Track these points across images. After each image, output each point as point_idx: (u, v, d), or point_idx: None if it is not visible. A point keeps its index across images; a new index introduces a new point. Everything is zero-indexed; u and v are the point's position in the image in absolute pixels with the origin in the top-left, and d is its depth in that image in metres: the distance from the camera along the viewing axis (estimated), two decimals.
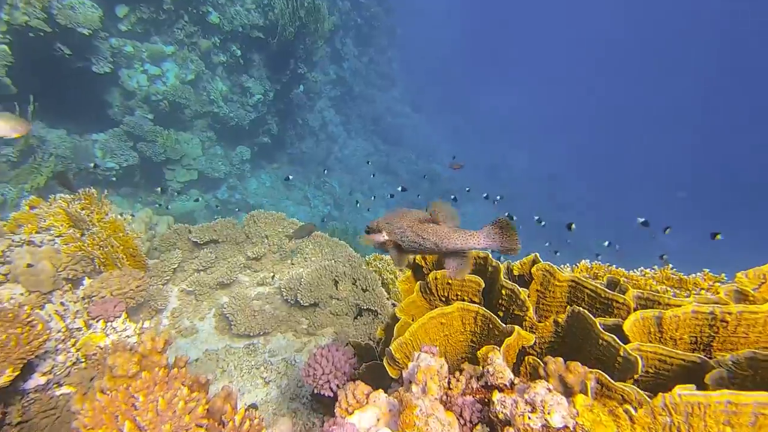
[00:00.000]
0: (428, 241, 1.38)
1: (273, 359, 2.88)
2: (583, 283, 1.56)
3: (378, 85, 21.81)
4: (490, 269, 1.73)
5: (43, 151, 7.27)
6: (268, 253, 3.68)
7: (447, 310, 1.50)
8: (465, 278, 1.67)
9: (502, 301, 1.59)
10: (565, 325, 1.41)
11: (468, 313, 1.48)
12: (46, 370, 2.10)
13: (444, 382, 1.16)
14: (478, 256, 1.80)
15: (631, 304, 1.46)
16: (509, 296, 1.55)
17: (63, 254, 2.81)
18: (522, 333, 1.32)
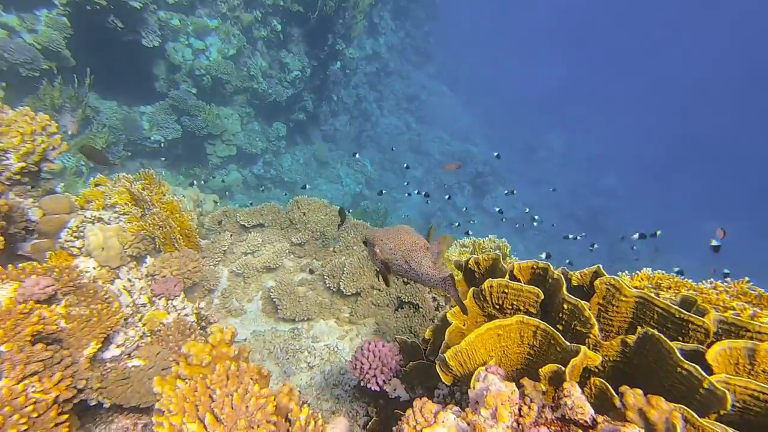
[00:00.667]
0: (413, 272, 1.44)
1: (316, 344, 3.01)
2: (653, 301, 1.51)
3: (413, 61, 21.22)
4: (550, 281, 1.70)
5: (98, 121, 7.63)
6: (310, 240, 3.77)
7: (505, 322, 1.51)
8: (523, 288, 1.66)
9: (563, 315, 1.57)
10: (634, 347, 1.38)
11: (527, 327, 1.48)
12: (120, 343, 2.29)
13: (515, 408, 1.18)
14: (537, 266, 1.77)
15: (711, 328, 1.40)
16: (571, 311, 1.53)
17: (128, 232, 3.00)
18: (588, 353, 1.31)
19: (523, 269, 1.83)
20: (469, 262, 2.03)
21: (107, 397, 2.08)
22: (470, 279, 2.10)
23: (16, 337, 1.41)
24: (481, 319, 1.88)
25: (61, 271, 2.08)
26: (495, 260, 1.93)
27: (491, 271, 1.97)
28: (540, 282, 1.76)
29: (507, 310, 1.77)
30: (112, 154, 8.15)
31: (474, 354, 1.59)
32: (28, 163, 3.21)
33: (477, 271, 2.04)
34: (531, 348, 1.53)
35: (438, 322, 2.07)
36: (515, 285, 1.69)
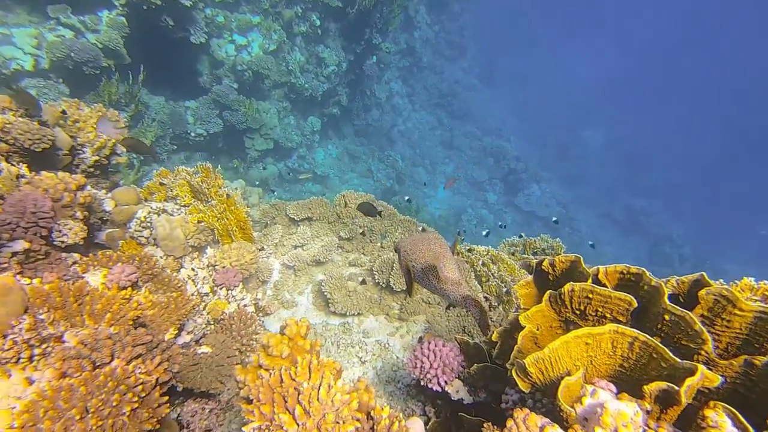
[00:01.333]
0: (431, 285, 1.46)
1: (367, 340, 3.05)
2: None
3: (447, 56, 20.90)
4: (646, 288, 1.62)
5: (148, 116, 7.99)
6: (357, 235, 3.81)
7: (596, 330, 1.46)
8: (612, 295, 1.60)
9: (662, 327, 1.50)
10: (764, 370, 1.28)
11: (622, 338, 1.43)
12: (190, 330, 2.40)
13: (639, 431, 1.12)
14: (628, 272, 1.70)
15: None
16: (675, 323, 1.45)
17: (190, 223, 3.13)
18: (707, 374, 1.24)
19: (609, 274, 1.76)
20: (543, 263, 1.98)
21: (180, 381, 2.19)
22: (542, 281, 2.05)
23: (121, 320, 1.50)
24: (556, 324, 1.84)
25: (141, 260, 2.19)
26: (574, 262, 1.87)
27: (569, 274, 1.91)
28: (629, 289, 1.69)
29: (589, 317, 1.72)
30: (160, 147, 8.53)
31: (557, 362, 1.55)
32: (101, 156, 3.41)
33: (551, 274, 1.98)
34: (624, 360, 1.47)
35: (507, 325, 2.04)
36: (602, 290, 1.62)
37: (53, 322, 1.36)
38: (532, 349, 1.97)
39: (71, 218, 2.55)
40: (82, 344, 1.34)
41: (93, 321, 1.44)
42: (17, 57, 5.91)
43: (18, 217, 2.20)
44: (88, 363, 1.28)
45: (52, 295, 1.41)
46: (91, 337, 1.35)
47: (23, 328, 1.30)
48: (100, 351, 1.31)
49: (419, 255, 1.48)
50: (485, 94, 21.63)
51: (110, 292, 1.53)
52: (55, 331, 1.35)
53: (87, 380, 1.22)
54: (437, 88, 19.30)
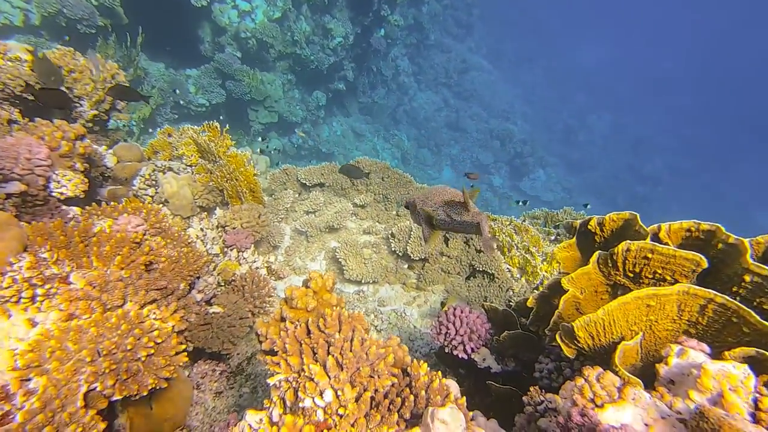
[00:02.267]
0: (455, 222, 1.50)
1: (382, 309, 2.91)
2: None
3: (454, 34, 20.32)
4: (720, 246, 1.45)
5: (148, 83, 7.69)
6: (372, 202, 3.64)
7: (663, 291, 1.30)
8: (677, 254, 1.44)
9: (739, 290, 1.35)
10: None
11: (693, 300, 1.27)
12: (201, 288, 2.25)
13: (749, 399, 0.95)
14: (698, 228, 1.53)
15: None
16: (758, 286, 1.29)
17: (198, 183, 2.95)
18: None
19: (674, 232, 1.60)
20: (590, 223, 1.82)
21: (190, 340, 2.05)
22: (587, 243, 1.89)
23: (133, 264, 1.34)
24: (602, 289, 1.69)
25: (149, 212, 2.02)
26: (628, 221, 1.70)
27: (620, 234, 1.75)
28: (697, 248, 1.53)
29: (644, 280, 1.56)
30: (160, 116, 8.26)
31: (611, 326, 1.40)
32: (100, 111, 3.19)
33: (599, 234, 1.82)
34: (691, 326, 1.32)
35: (545, 290, 1.89)
36: (665, 249, 1.46)
37: (57, 261, 1.20)
38: (573, 315, 1.82)
39: (71, 169, 2.37)
40: (90, 285, 1.18)
41: (102, 263, 1.28)
42: (4, 10, 5.58)
43: (12, 163, 2.01)
44: (98, 305, 1.12)
45: (56, 234, 1.24)
46: (101, 279, 1.19)
47: (23, 265, 1.14)
48: (111, 293, 1.16)
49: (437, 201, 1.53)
50: (493, 75, 21.13)
51: (120, 234, 1.37)
52: (60, 271, 1.19)
53: (98, 321, 1.07)
54: (444, 68, 18.81)
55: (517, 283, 2.95)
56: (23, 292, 1.11)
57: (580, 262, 2.03)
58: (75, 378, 0.93)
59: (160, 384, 1.10)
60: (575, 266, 2.03)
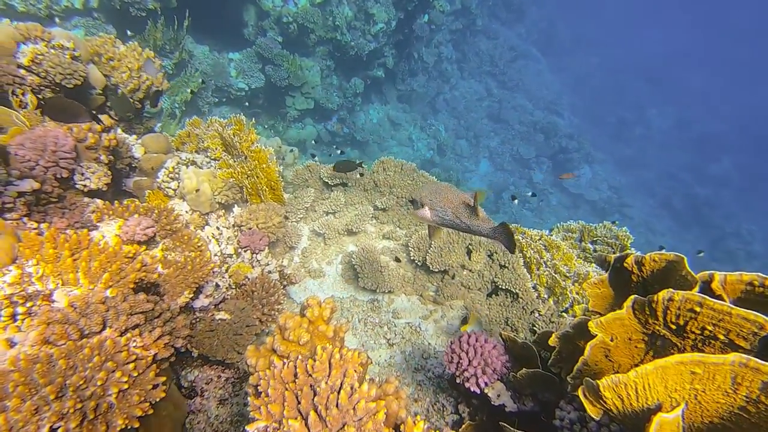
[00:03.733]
0: (464, 225, 1.57)
1: (397, 321, 2.79)
2: None
3: (503, 19, 19.24)
4: None
5: (191, 65, 7.87)
6: (395, 206, 3.49)
7: (713, 360, 1.08)
8: (733, 312, 1.20)
9: None
10: None
11: (755, 375, 1.04)
12: (209, 293, 2.23)
13: None
14: (762, 284, 1.28)
15: None
16: None
17: (218, 178, 2.93)
18: None
19: (730, 283, 1.34)
20: (626, 260, 1.58)
21: (195, 347, 2.04)
22: (622, 282, 1.65)
23: (121, 283, 1.30)
24: (637, 337, 1.46)
25: (160, 213, 2.00)
26: (672, 263, 1.46)
27: (662, 277, 1.50)
28: (761, 306, 1.27)
29: (690, 336, 1.32)
30: (201, 99, 8.46)
31: (646, 391, 1.19)
32: (134, 99, 3.23)
33: (636, 274, 1.58)
34: (752, 404, 1.09)
35: (569, 329, 1.68)
36: (717, 304, 1.22)
37: (42, 277, 1.18)
38: (602, 364, 1.62)
39: (95, 161, 2.40)
40: (71, 307, 1.15)
41: (88, 280, 1.25)
42: None
43: (38, 155, 2.05)
44: (74, 330, 1.09)
45: (46, 246, 1.22)
46: (82, 300, 1.15)
47: (7, 281, 1.12)
48: (90, 317, 1.12)
49: (446, 202, 1.59)
50: (541, 63, 19.92)
51: (111, 249, 1.33)
52: (44, 288, 1.17)
53: (69, 352, 1.03)
54: (489, 55, 17.93)
55: (544, 304, 2.72)
56: (3, 309, 1.10)
57: (611, 302, 1.80)
58: (35, 419, 0.89)
59: (131, 424, 1.06)
60: (606, 305, 1.80)
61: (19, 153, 1.93)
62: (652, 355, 1.52)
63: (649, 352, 1.53)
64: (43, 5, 5.49)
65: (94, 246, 1.32)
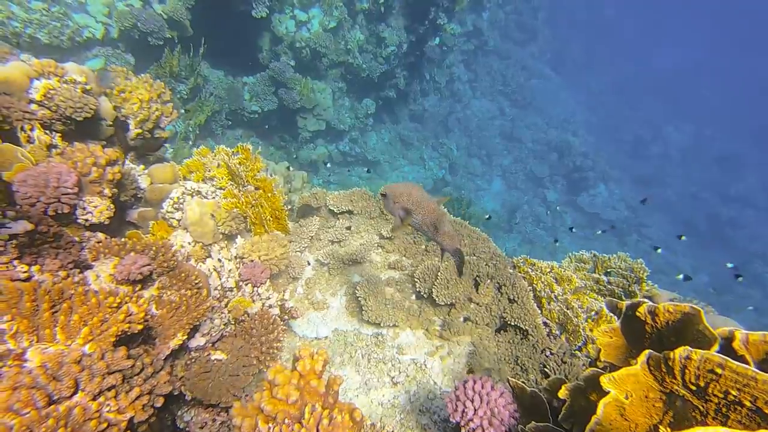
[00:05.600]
0: (428, 233, 1.72)
1: (401, 357, 2.68)
2: None
3: (515, 39, 19.37)
4: None
5: (206, 90, 8.09)
6: (400, 235, 3.41)
7: None
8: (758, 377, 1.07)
9: None
10: None
11: None
12: (205, 331, 2.17)
13: None
14: None
15: None
16: None
17: (222, 209, 2.91)
18: None
19: (753, 344, 1.22)
20: (639, 309, 1.46)
21: (189, 389, 1.97)
22: (634, 332, 1.53)
23: (101, 337, 1.25)
24: (654, 395, 1.32)
25: (158, 251, 1.97)
26: (688, 315, 1.34)
27: (678, 330, 1.37)
28: None
29: (712, 399, 1.19)
30: (215, 122, 8.66)
31: None
32: (144, 129, 3.28)
33: (650, 324, 1.46)
34: None
35: (581, 382, 1.55)
36: (741, 368, 1.10)
37: (16, 334, 1.13)
38: (617, 423, 1.47)
39: (98, 195, 2.41)
40: (42, 368, 1.10)
41: (65, 335, 1.20)
42: (90, 25, 6.11)
43: (40, 191, 2.06)
44: (42, 396, 1.03)
45: (24, 299, 1.18)
46: (55, 360, 1.10)
47: None
48: (60, 381, 1.06)
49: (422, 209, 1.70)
50: (554, 82, 19.88)
51: (94, 299, 1.28)
52: (16, 346, 1.12)
53: (32, 423, 0.97)
54: (502, 75, 18.01)
55: (556, 342, 2.57)
56: None
57: (625, 352, 1.66)
58: None
59: None
60: (619, 356, 1.66)
61: (20, 190, 1.94)
62: (671, 416, 1.38)
63: (668, 413, 1.39)
64: (66, 37, 5.74)
65: (77, 296, 1.28)
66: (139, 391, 1.17)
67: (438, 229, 1.70)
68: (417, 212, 1.71)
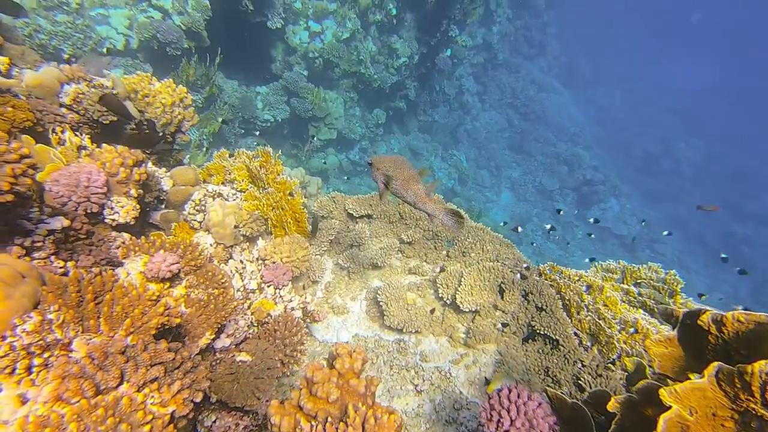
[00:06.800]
0: (409, 197, 1.75)
1: (425, 365, 2.60)
2: None
3: (525, 53, 19.54)
4: None
5: (220, 99, 8.20)
6: (421, 239, 3.36)
7: None
8: None
9: None
10: None
11: None
12: (230, 332, 2.13)
13: None
14: None
15: None
16: None
17: (243, 211, 2.90)
18: None
19: None
20: (701, 317, 1.39)
21: (214, 391, 1.92)
22: (695, 342, 1.45)
23: (142, 329, 1.21)
24: (724, 413, 1.25)
25: (186, 249, 1.95)
26: (763, 325, 1.26)
27: (751, 341, 1.30)
28: None
29: None
30: (229, 131, 8.75)
31: None
32: (166, 133, 3.30)
33: (714, 335, 1.38)
34: None
35: (634, 395, 1.48)
36: None
37: (62, 324, 1.10)
38: None
39: (125, 195, 2.41)
40: (89, 358, 1.06)
41: (108, 326, 1.17)
42: (111, 37, 6.25)
43: (71, 191, 2.06)
44: (90, 386, 0.99)
45: (69, 290, 1.15)
46: (101, 350, 1.06)
47: (27, 329, 1.05)
48: (107, 371, 1.03)
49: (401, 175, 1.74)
50: (563, 96, 19.94)
51: (135, 291, 1.25)
52: (63, 336, 1.09)
53: (82, 412, 0.93)
54: (511, 87, 18.11)
55: (588, 353, 2.48)
56: (19, 361, 1.02)
57: (682, 363, 1.58)
58: None
59: None
60: (676, 368, 1.58)
61: (53, 189, 1.94)
62: None
63: None
64: (88, 48, 5.87)
65: (118, 288, 1.25)
66: (180, 384, 1.13)
67: (418, 195, 1.76)
68: (397, 179, 1.78)
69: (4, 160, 1.26)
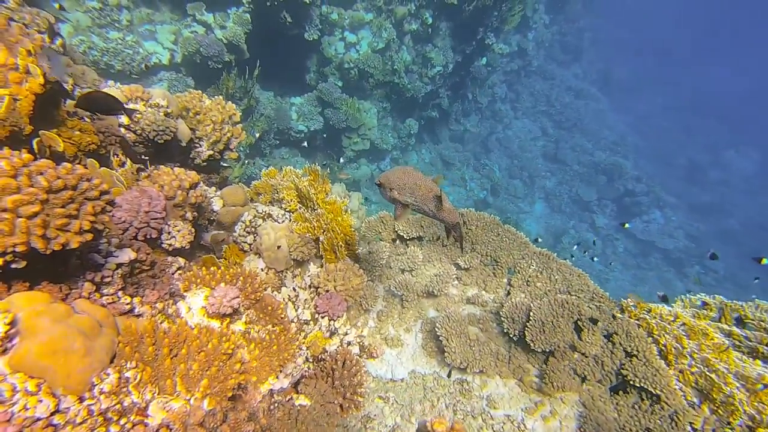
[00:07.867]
0: (430, 212, 1.76)
1: (493, 412, 2.33)
2: None
3: (560, 60, 18.96)
4: None
5: (257, 111, 8.25)
6: (479, 265, 3.11)
7: None
8: None
9: None
10: None
11: None
12: (288, 372, 1.94)
13: None
14: None
15: None
16: None
17: (294, 233, 2.74)
18: None
19: None
20: None
21: None
22: None
23: (218, 390, 1.04)
24: None
25: (245, 281, 1.79)
26: None
27: None
28: None
29: None
30: (264, 141, 8.79)
31: None
32: (215, 151, 3.21)
33: None
34: None
35: None
36: None
37: (139, 384, 0.95)
38: None
39: (181, 219, 2.30)
40: (167, 429, 0.89)
41: (185, 387, 1.00)
42: (157, 52, 6.38)
43: (132, 216, 1.96)
44: None
45: (145, 342, 1.00)
46: (180, 422, 0.89)
47: (104, 390, 0.90)
48: None
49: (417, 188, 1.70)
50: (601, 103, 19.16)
51: (210, 344, 1.09)
52: (140, 399, 0.94)
53: None
54: (545, 95, 17.57)
55: (696, 412, 2.13)
56: (96, 429, 0.87)
57: None
58: None
59: None
60: None
61: (116, 215, 1.83)
62: None
63: None
64: (135, 63, 6.00)
65: (192, 340, 1.09)
66: None
67: (437, 206, 1.72)
68: (414, 195, 1.73)
69: (86, 198, 1.13)
